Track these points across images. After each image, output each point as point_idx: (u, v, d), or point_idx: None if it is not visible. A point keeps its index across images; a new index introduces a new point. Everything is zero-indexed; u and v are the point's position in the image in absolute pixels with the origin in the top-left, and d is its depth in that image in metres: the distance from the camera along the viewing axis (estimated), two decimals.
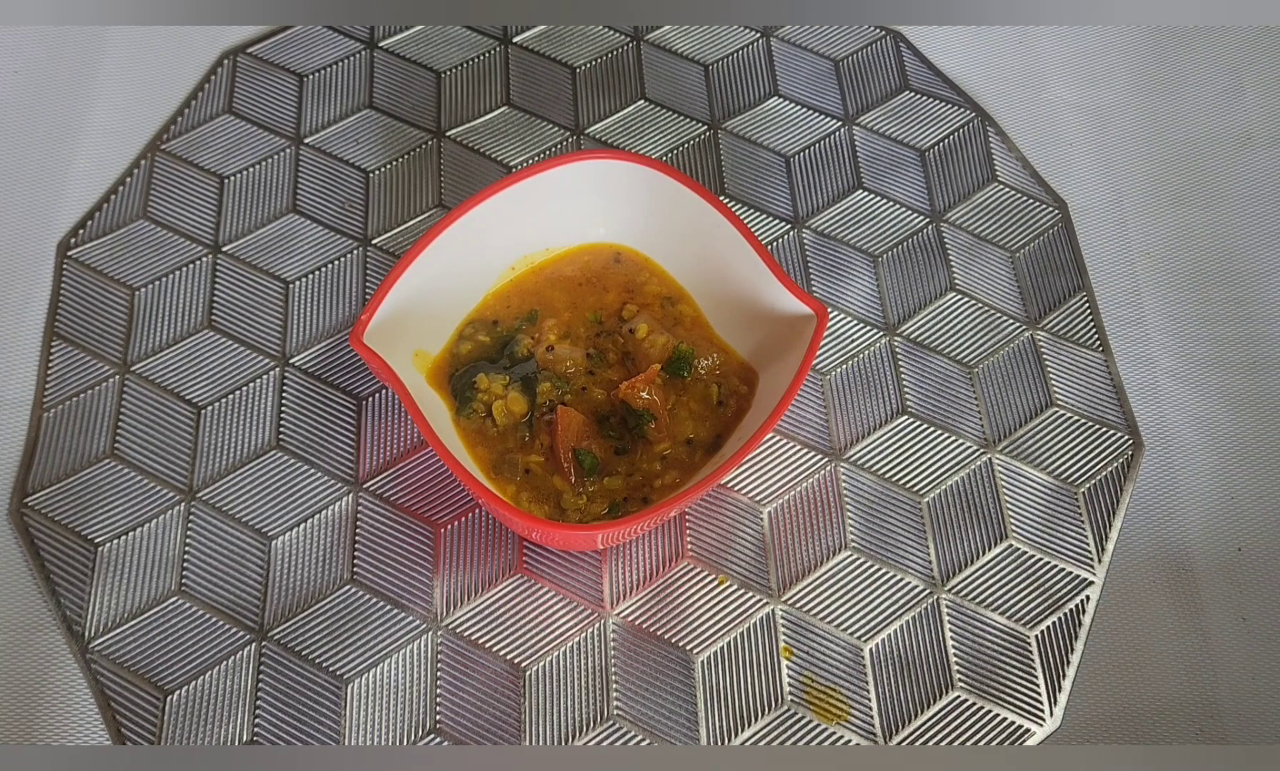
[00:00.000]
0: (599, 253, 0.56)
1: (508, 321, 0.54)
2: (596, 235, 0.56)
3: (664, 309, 0.55)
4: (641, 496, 0.51)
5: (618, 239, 0.56)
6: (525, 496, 0.50)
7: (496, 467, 0.51)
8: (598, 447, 0.51)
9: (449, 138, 0.63)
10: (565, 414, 0.51)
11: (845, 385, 0.56)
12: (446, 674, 0.49)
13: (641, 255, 0.56)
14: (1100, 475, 0.55)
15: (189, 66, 0.64)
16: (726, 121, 0.64)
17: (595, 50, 0.66)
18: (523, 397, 0.51)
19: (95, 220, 0.59)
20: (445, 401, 0.52)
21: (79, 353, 0.56)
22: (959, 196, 0.62)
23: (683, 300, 0.55)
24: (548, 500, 0.50)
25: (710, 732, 0.49)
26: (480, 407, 0.51)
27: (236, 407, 0.55)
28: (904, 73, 0.66)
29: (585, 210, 0.55)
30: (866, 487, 0.54)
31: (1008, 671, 0.50)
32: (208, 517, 0.52)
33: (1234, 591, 0.53)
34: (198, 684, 0.49)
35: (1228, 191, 0.63)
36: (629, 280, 0.55)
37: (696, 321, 0.55)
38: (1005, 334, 0.58)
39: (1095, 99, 0.66)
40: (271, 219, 0.60)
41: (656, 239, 0.55)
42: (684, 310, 0.55)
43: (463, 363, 0.53)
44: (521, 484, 0.50)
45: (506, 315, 0.55)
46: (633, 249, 0.56)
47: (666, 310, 0.55)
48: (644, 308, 0.54)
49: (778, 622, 0.51)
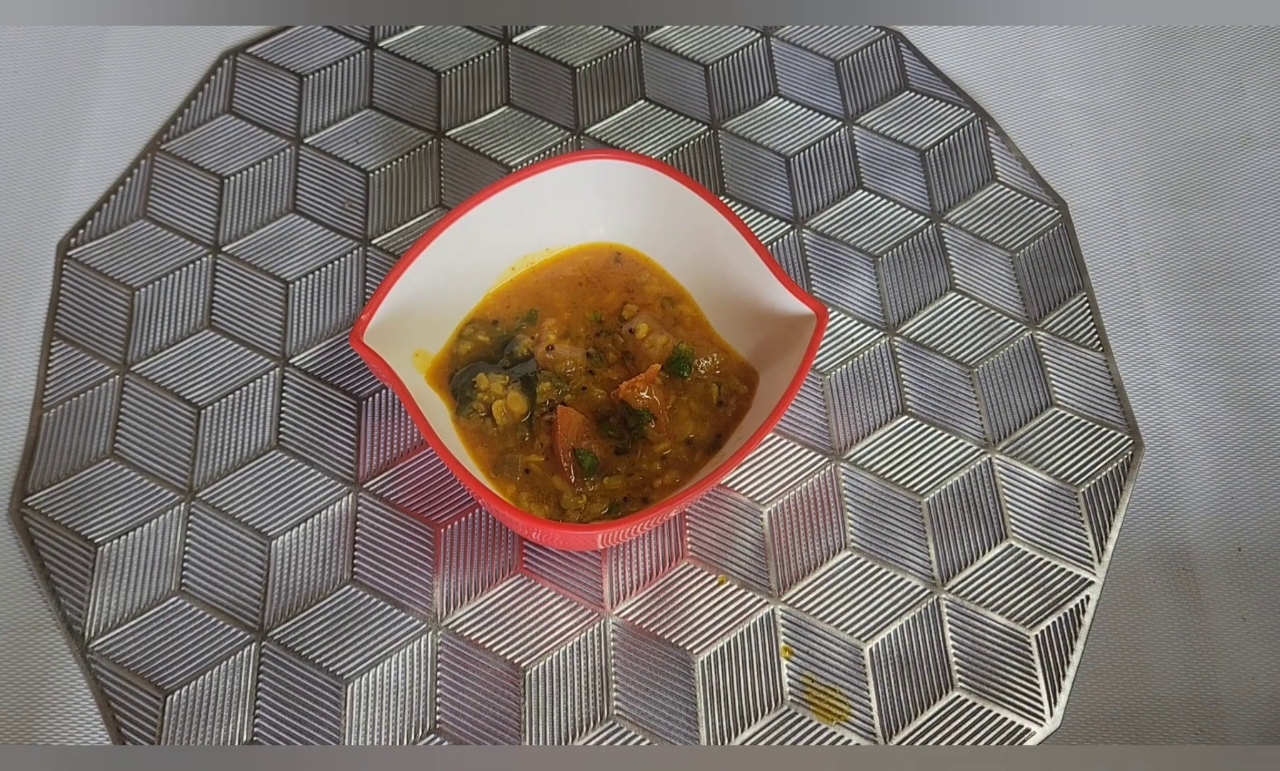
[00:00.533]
0: (599, 252, 0.56)
1: (508, 321, 0.54)
2: (597, 235, 0.56)
3: (664, 309, 0.55)
4: (641, 496, 0.51)
5: (618, 239, 0.56)
6: (525, 496, 0.50)
7: (496, 467, 0.51)
8: (598, 447, 0.51)
9: (449, 138, 0.63)
10: (565, 413, 0.51)
11: (845, 385, 0.56)
12: (446, 674, 0.49)
13: (642, 255, 0.56)
14: (1100, 475, 0.55)
15: (189, 66, 0.64)
16: (726, 121, 0.64)
17: (595, 50, 0.66)
18: (522, 397, 0.51)
19: (95, 220, 0.59)
20: (445, 401, 0.52)
21: (79, 353, 0.56)
22: (959, 196, 0.62)
23: (683, 300, 0.55)
24: (547, 500, 0.50)
25: (710, 732, 0.49)
26: (480, 407, 0.51)
27: (236, 407, 0.55)
28: (904, 73, 0.66)
29: (585, 210, 0.55)
30: (866, 487, 0.54)
31: (1008, 671, 0.50)
32: (208, 517, 0.52)
33: (1234, 591, 0.53)
34: (198, 684, 0.49)
35: (1228, 191, 0.63)
36: (629, 280, 0.55)
37: (697, 321, 0.55)
38: (1005, 334, 0.58)
39: (1095, 99, 0.66)
40: (271, 219, 0.60)
41: (656, 239, 0.55)
42: (684, 310, 0.55)
43: (462, 362, 0.53)
44: (521, 483, 0.50)
45: (506, 315, 0.55)
46: (633, 249, 0.56)
47: (667, 310, 0.55)
48: (644, 307, 0.54)
49: (778, 622, 0.51)
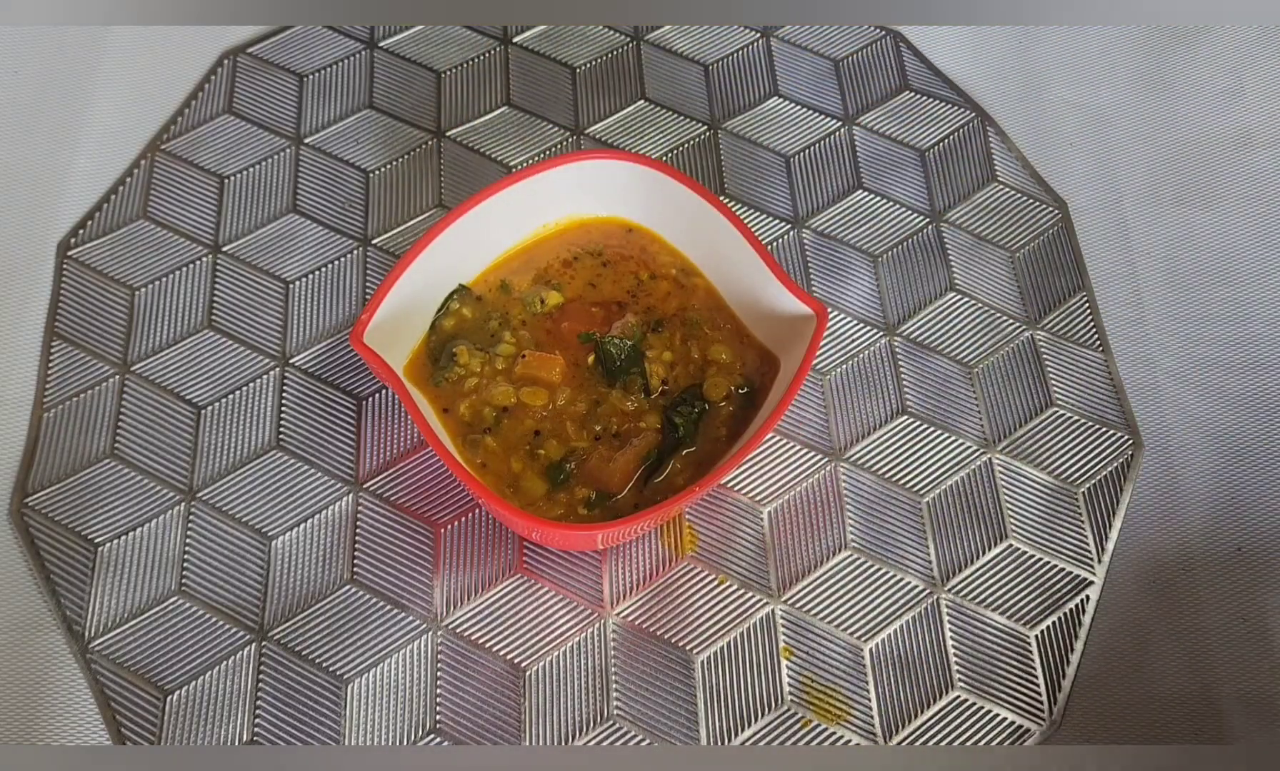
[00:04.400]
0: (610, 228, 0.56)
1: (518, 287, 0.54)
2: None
3: (679, 281, 0.54)
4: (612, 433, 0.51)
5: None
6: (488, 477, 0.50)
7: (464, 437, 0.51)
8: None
9: (449, 138, 0.63)
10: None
11: (845, 385, 0.56)
12: (446, 674, 0.49)
13: (651, 231, 0.55)
14: (1100, 475, 0.55)
15: (189, 66, 0.64)
16: (726, 121, 0.64)
17: (595, 50, 0.66)
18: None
19: (95, 220, 0.59)
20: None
21: (79, 352, 0.56)
22: (959, 196, 0.62)
23: (696, 274, 0.55)
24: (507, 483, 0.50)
25: (710, 732, 0.49)
26: (454, 377, 0.51)
27: (236, 407, 0.55)
28: (904, 73, 0.66)
29: (585, 210, 0.55)
30: (866, 487, 0.54)
31: (1008, 671, 0.50)
32: (208, 517, 0.52)
33: (1234, 591, 0.53)
34: (198, 684, 0.49)
35: (1228, 191, 0.63)
36: (642, 251, 0.55)
37: (710, 291, 0.54)
38: (1005, 334, 0.58)
39: (1095, 99, 0.66)
40: (271, 219, 0.60)
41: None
42: (698, 282, 0.55)
43: (445, 336, 0.53)
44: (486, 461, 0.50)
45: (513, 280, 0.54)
46: (643, 225, 0.56)
47: (681, 282, 0.54)
48: (660, 277, 0.54)
49: (778, 622, 0.51)
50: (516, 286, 0.54)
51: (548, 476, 0.50)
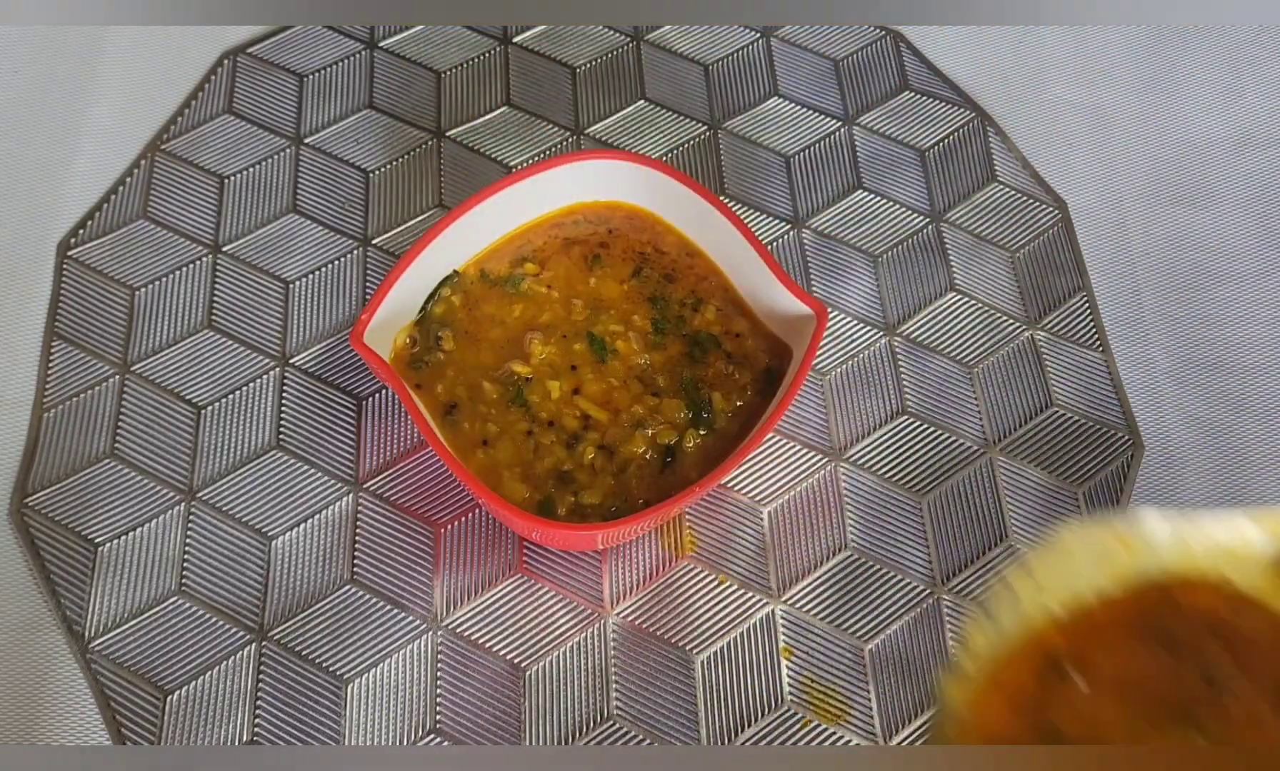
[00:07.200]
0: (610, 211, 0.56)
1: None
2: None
3: (683, 259, 0.54)
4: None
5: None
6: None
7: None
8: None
9: (449, 138, 0.63)
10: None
11: (845, 385, 0.56)
12: (446, 674, 0.49)
13: (653, 214, 0.55)
14: (1100, 475, 0.55)
15: (189, 66, 0.64)
16: (726, 121, 0.64)
17: (595, 50, 0.66)
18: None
19: (95, 220, 0.59)
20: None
21: (79, 352, 0.56)
22: (959, 196, 0.62)
23: (699, 255, 0.55)
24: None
25: (710, 732, 0.49)
26: (434, 362, 0.51)
27: (236, 407, 0.55)
28: (904, 73, 0.66)
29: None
30: (866, 487, 0.54)
31: None
32: (208, 517, 0.52)
33: None
34: (198, 684, 0.49)
35: (1228, 191, 0.63)
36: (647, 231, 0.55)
37: (714, 270, 0.54)
38: (1005, 334, 0.58)
39: (1095, 99, 0.66)
40: (271, 219, 0.60)
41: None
42: (700, 263, 0.54)
43: (434, 322, 0.53)
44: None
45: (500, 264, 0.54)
46: (645, 210, 0.55)
47: (686, 263, 0.54)
48: (662, 254, 0.54)
49: (778, 622, 0.51)
50: (494, 272, 0.54)
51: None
